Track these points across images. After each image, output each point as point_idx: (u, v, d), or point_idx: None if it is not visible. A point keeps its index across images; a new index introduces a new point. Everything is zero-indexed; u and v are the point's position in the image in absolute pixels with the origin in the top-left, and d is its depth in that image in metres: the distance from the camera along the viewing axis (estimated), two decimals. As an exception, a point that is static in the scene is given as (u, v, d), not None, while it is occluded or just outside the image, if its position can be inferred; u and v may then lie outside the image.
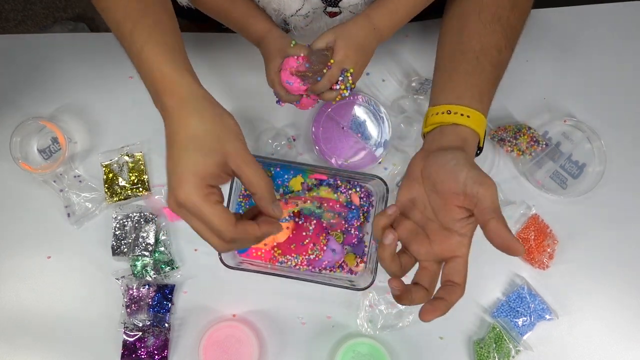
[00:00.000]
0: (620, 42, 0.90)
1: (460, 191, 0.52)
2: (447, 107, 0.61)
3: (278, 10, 0.73)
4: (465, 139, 0.60)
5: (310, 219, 0.82)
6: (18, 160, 0.83)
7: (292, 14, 0.73)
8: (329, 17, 0.75)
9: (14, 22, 1.64)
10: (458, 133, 0.60)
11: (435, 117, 0.62)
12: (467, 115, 0.60)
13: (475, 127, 0.60)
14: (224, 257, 0.78)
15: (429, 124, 0.63)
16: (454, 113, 0.60)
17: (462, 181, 0.52)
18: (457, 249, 0.55)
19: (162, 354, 0.82)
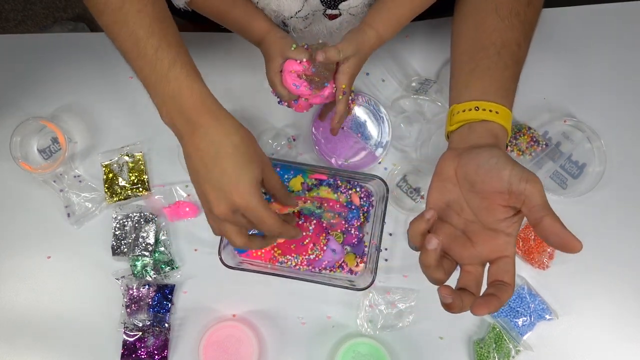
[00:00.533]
0: (621, 42, 0.90)
1: (505, 189, 0.50)
2: (474, 103, 0.59)
3: (277, 11, 0.73)
4: (496, 136, 0.58)
5: (310, 219, 0.82)
6: (18, 160, 0.83)
7: (291, 15, 0.73)
8: (329, 20, 0.75)
9: (14, 22, 1.64)
10: (489, 129, 0.58)
11: (461, 114, 0.60)
12: (495, 111, 0.58)
13: (504, 123, 0.59)
14: (224, 257, 0.78)
15: (455, 122, 0.61)
16: (482, 109, 0.59)
17: (506, 179, 0.50)
18: (504, 249, 0.52)
19: (162, 354, 0.82)
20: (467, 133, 0.59)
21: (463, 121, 0.60)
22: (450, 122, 0.62)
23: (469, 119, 0.59)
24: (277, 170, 0.85)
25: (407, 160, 0.87)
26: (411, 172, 0.87)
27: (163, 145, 0.87)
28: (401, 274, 0.85)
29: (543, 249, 0.84)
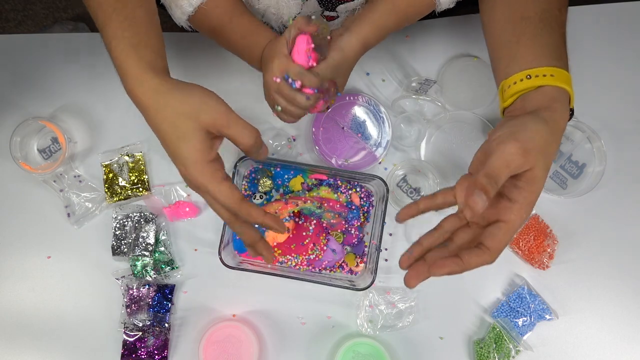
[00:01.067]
0: (621, 42, 0.90)
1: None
2: (525, 72, 0.56)
3: (276, 14, 0.73)
4: (553, 98, 0.54)
5: (311, 219, 0.82)
6: (18, 160, 0.83)
7: (292, 17, 0.73)
8: (327, 20, 0.75)
9: (14, 22, 1.64)
10: (545, 93, 0.55)
11: (513, 87, 0.57)
12: (550, 74, 0.55)
13: (562, 84, 0.55)
14: (224, 257, 0.78)
15: (508, 97, 0.58)
16: (535, 76, 0.55)
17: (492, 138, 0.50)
18: (502, 214, 0.50)
19: (162, 354, 0.82)
20: (521, 105, 0.56)
21: (516, 93, 0.57)
22: (503, 98, 0.59)
23: (522, 89, 0.56)
24: (277, 170, 0.85)
25: (407, 160, 0.87)
26: (411, 172, 0.87)
27: (163, 145, 0.87)
28: (401, 274, 0.85)
29: (543, 249, 0.84)
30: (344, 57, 0.66)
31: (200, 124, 0.55)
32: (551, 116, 0.54)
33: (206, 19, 0.70)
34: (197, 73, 0.89)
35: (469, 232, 0.53)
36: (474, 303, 0.85)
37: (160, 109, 0.56)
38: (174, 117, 0.56)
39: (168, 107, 0.56)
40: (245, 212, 0.57)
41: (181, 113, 0.56)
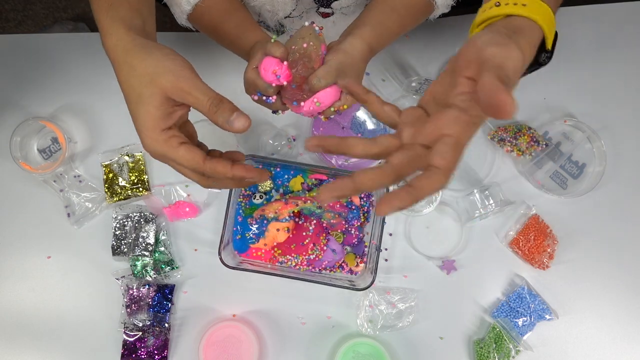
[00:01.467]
0: (621, 42, 0.90)
1: (473, 58, 0.42)
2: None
3: (272, 11, 0.73)
4: (517, 28, 0.46)
5: (311, 219, 0.82)
6: (18, 160, 0.83)
7: (286, 15, 0.73)
8: (322, 18, 0.75)
9: (14, 22, 1.64)
10: (508, 23, 0.47)
11: (480, 15, 0.50)
12: (522, 3, 0.47)
13: (534, 16, 0.47)
14: (224, 257, 0.78)
15: (475, 27, 0.52)
16: (505, 4, 0.48)
17: (478, 45, 0.42)
18: (446, 126, 0.41)
19: (162, 354, 0.82)
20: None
21: (482, 22, 0.50)
22: (473, 27, 0.53)
23: (489, 17, 0.49)
24: (277, 170, 0.85)
25: (407, 160, 0.87)
26: (411, 172, 0.87)
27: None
28: (401, 274, 0.85)
29: (543, 249, 0.84)
30: (348, 58, 0.63)
31: (159, 88, 0.52)
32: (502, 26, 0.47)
33: (204, 17, 0.70)
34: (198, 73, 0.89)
35: (407, 154, 0.44)
36: (474, 303, 0.85)
37: (124, 67, 0.54)
38: (133, 77, 0.54)
39: (129, 66, 0.54)
40: (211, 170, 0.54)
41: (140, 74, 0.53)
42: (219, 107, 0.54)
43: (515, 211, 0.86)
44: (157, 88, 0.52)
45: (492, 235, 0.86)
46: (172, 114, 0.54)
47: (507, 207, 0.85)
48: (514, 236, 0.85)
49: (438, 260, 0.85)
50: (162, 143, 0.53)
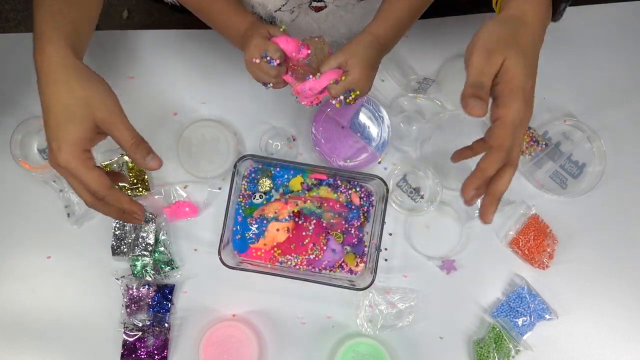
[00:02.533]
0: (621, 42, 0.90)
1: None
2: None
3: (262, 4, 0.73)
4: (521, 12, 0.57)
5: (310, 219, 0.82)
6: (18, 159, 0.83)
7: (277, 8, 0.72)
8: (315, 12, 0.74)
9: (14, 22, 1.64)
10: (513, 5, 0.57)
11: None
12: None
13: None
14: (224, 257, 0.78)
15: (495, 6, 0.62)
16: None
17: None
18: (497, 112, 0.54)
19: (162, 354, 0.82)
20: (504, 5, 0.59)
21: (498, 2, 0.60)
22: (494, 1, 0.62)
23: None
24: (277, 170, 0.85)
25: (407, 160, 0.87)
26: (411, 172, 0.87)
27: (162, 145, 0.87)
28: (401, 274, 0.85)
29: (543, 249, 0.84)
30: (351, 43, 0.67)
31: (92, 116, 0.58)
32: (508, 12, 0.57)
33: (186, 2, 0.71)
34: (198, 72, 0.89)
35: None
36: (474, 303, 0.85)
37: (59, 84, 0.58)
38: (68, 97, 0.58)
39: (66, 85, 0.58)
40: (114, 198, 0.61)
41: (78, 97, 0.58)
42: (138, 147, 0.61)
43: (515, 211, 0.86)
44: (90, 114, 0.58)
45: (492, 235, 0.86)
46: (94, 139, 0.60)
47: (507, 207, 0.85)
48: (514, 236, 0.85)
49: (438, 260, 0.85)
50: (79, 161, 0.58)
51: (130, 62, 0.89)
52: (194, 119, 0.87)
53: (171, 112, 0.88)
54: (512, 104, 0.53)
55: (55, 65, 0.58)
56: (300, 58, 0.66)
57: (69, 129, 0.58)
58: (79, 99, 0.58)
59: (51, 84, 0.58)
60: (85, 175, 0.58)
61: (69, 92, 0.58)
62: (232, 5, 0.73)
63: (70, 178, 0.60)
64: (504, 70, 0.53)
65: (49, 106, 0.58)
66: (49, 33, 0.59)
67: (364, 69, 0.67)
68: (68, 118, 0.58)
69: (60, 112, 0.58)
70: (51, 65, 0.58)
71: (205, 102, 0.88)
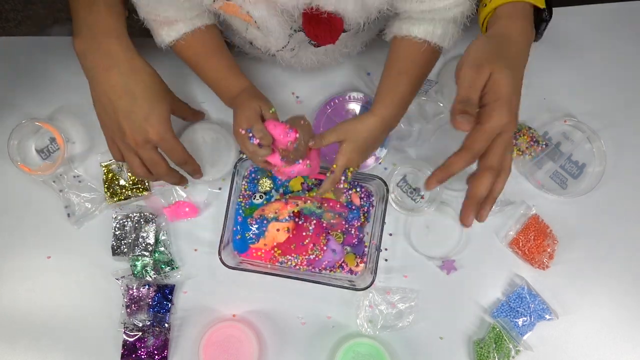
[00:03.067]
0: (621, 42, 0.90)
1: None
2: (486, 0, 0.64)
3: (265, 46, 0.74)
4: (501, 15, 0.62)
5: (311, 219, 0.82)
6: (17, 162, 0.83)
7: (279, 49, 0.73)
8: (315, 47, 0.75)
9: (14, 22, 1.64)
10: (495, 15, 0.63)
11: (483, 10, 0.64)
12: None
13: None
14: (224, 257, 0.78)
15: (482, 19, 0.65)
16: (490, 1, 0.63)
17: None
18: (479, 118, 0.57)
19: (162, 354, 0.82)
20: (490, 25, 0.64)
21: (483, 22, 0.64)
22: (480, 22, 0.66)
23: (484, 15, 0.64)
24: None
25: (407, 160, 0.87)
26: (411, 172, 0.87)
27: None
28: (401, 274, 0.85)
29: (543, 249, 0.84)
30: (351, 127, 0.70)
31: (170, 99, 0.71)
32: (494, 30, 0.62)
33: (183, 53, 0.74)
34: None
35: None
36: (474, 303, 0.85)
37: (138, 70, 0.66)
38: (151, 80, 0.68)
39: (145, 71, 0.68)
40: (191, 162, 0.74)
41: (158, 82, 0.69)
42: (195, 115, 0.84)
43: (515, 211, 0.86)
44: (169, 97, 0.72)
45: (492, 235, 0.86)
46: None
47: (507, 207, 0.85)
48: (514, 236, 0.85)
49: (438, 260, 0.85)
50: (171, 133, 0.69)
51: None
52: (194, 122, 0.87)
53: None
54: (494, 113, 0.56)
55: (134, 55, 0.67)
56: (289, 142, 0.67)
57: (161, 106, 0.68)
58: (157, 82, 0.69)
59: (130, 69, 0.66)
60: (176, 144, 0.70)
61: (151, 77, 0.68)
62: (227, 65, 0.75)
63: (152, 152, 0.69)
64: (492, 82, 0.56)
65: (132, 91, 0.66)
66: (121, 28, 0.67)
67: (356, 152, 0.70)
68: (156, 98, 0.68)
69: (146, 93, 0.67)
70: (131, 54, 0.67)
71: (205, 102, 0.88)
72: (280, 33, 0.68)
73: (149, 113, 0.67)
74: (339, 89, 0.88)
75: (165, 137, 0.68)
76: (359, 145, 0.69)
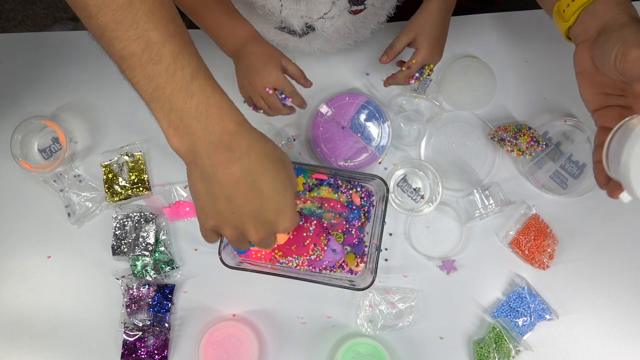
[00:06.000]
0: (620, 42, 0.90)
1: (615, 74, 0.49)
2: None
3: (305, 15, 0.73)
4: (620, 3, 0.52)
5: (311, 219, 0.82)
6: (18, 158, 0.83)
7: (320, 17, 0.73)
8: (353, 15, 0.75)
9: (14, 22, 1.64)
10: (608, 2, 0.52)
11: (572, 5, 0.55)
12: None
13: None
14: (224, 257, 0.77)
15: (569, 16, 0.56)
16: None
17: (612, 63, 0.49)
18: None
19: (162, 353, 0.82)
20: (589, 19, 0.54)
21: (577, 10, 0.55)
22: (564, 19, 0.57)
23: (581, 4, 0.54)
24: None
25: (407, 160, 0.87)
26: (411, 172, 0.87)
27: (163, 144, 0.87)
28: (401, 274, 0.85)
29: (543, 249, 0.84)
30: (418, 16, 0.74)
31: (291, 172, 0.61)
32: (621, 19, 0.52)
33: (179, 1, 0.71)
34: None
35: None
36: (474, 303, 0.85)
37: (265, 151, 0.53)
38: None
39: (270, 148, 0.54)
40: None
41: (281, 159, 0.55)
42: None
43: (515, 211, 0.86)
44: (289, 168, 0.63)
45: (492, 235, 0.86)
46: None
47: (507, 207, 0.85)
48: (514, 236, 0.85)
49: (438, 260, 0.85)
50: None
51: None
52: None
53: (171, 112, 0.88)
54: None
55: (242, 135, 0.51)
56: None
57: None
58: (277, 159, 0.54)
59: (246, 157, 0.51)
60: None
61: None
62: (227, 10, 0.73)
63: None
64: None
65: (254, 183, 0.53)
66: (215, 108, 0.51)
67: (433, 43, 0.72)
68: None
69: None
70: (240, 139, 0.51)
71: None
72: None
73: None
74: (338, 90, 0.88)
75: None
76: (433, 34, 0.73)
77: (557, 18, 0.59)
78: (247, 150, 0.50)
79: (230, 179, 0.50)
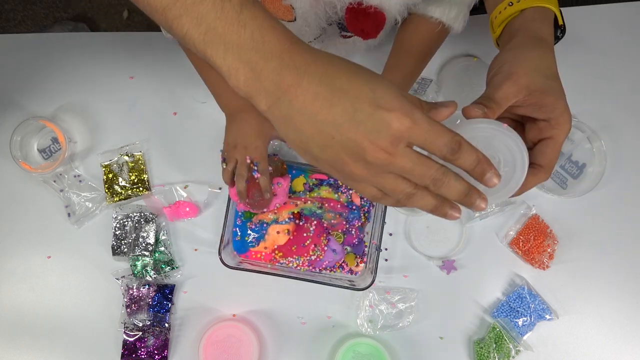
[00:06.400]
0: (621, 42, 0.90)
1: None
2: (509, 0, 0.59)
3: None
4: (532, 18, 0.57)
5: (311, 219, 0.82)
6: (18, 159, 0.83)
7: (309, 41, 0.73)
8: (343, 39, 0.75)
9: (14, 22, 1.64)
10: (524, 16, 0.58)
11: (499, 16, 0.59)
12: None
13: (542, 3, 0.58)
14: (224, 257, 0.78)
15: (497, 26, 0.60)
16: (517, 1, 0.58)
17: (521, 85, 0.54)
18: (544, 132, 0.54)
19: (162, 354, 0.82)
20: (507, 32, 0.59)
21: (502, 22, 0.59)
22: (493, 29, 0.62)
23: (507, 16, 0.59)
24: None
25: (407, 160, 0.87)
26: (411, 172, 0.87)
27: (163, 145, 0.87)
28: (401, 274, 0.85)
29: (543, 249, 0.84)
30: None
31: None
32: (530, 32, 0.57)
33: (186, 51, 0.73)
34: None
35: None
36: (474, 303, 0.85)
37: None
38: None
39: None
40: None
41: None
42: None
43: (515, 211, 0.86)
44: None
45: (492, 235, 0.86)
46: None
47: (507, 207, 0.85)
48: (514, 236, 0.85)
49: (438, 260, 0.85)
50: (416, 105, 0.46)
51: (130, 62, 0.89)
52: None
53: (171, 111, 0.88)
54: (562, 124, 0.54)
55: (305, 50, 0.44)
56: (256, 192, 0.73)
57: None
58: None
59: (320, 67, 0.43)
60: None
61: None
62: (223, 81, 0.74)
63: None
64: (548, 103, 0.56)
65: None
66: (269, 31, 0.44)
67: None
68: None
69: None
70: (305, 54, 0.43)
71: (206, 102, 0.88)
72: (316, 26, 0.69)
73: (381, 93, 0.42)
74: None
75: (415, 116, 0.43)
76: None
77: (490, 29, 0.63)
78: (311, 60, 0.43)
79: (306, 99, 0.42)
